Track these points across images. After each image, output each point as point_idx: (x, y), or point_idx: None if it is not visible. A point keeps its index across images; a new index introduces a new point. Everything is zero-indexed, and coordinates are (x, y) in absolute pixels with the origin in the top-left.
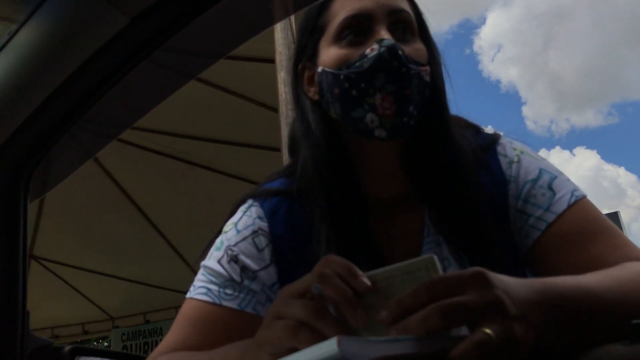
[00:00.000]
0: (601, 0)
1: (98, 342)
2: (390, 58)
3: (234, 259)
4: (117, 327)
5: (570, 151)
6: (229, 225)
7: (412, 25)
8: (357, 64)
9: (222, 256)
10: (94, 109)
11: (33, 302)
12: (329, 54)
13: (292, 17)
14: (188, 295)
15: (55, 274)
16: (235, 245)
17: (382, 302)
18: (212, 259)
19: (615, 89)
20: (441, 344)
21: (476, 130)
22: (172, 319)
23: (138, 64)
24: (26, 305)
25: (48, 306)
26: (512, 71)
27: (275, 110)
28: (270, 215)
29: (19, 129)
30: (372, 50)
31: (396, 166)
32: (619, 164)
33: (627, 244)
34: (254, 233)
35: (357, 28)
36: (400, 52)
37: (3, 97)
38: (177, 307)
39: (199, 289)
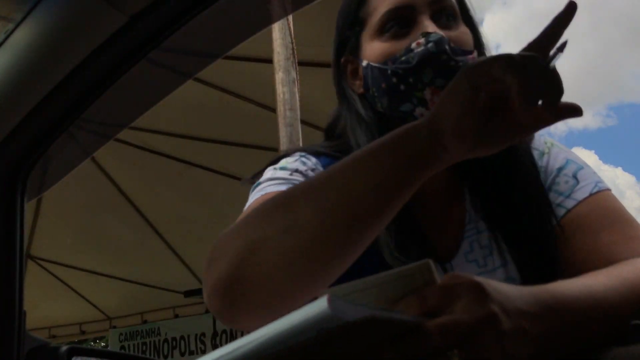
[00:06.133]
0: (600, 2)
1: (95, 342)
2: (438, 53)
3: (297, 171)
4: (114, 327)
5: None
6: (281, 163)
7: (455, 11)
8: (404, 58)
9: (283, 168)
10: (92, 108)
11: (30, 302)
12: (372, 48)
13: (290, 17)
14: (252, 197)
15: (52, 273)
16: (295, 171)
17: (373, 304)
18: (269, 173)
19: (613, 90)
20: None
21: None
22: (170, 319)
23: (136, 63)
24: (23, 305)
25: (45, 306)
26: None
27: (273, 110)
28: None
29: (16, 128)
30: (418, 44)
31: None
32: (617, 165)
33: None
34: (314, 171)
35: (400, 20)
36: (447, 47)
37: (0, 96)
38: (174, 307)
39: (267, 187)
